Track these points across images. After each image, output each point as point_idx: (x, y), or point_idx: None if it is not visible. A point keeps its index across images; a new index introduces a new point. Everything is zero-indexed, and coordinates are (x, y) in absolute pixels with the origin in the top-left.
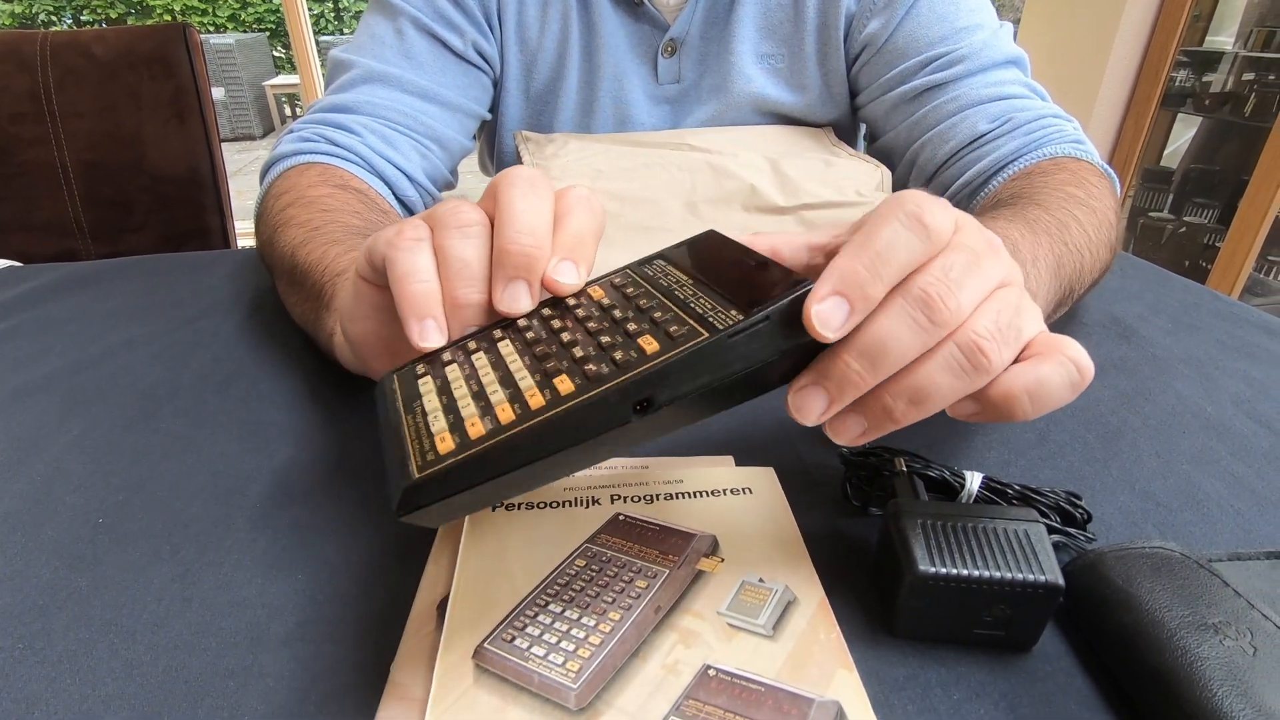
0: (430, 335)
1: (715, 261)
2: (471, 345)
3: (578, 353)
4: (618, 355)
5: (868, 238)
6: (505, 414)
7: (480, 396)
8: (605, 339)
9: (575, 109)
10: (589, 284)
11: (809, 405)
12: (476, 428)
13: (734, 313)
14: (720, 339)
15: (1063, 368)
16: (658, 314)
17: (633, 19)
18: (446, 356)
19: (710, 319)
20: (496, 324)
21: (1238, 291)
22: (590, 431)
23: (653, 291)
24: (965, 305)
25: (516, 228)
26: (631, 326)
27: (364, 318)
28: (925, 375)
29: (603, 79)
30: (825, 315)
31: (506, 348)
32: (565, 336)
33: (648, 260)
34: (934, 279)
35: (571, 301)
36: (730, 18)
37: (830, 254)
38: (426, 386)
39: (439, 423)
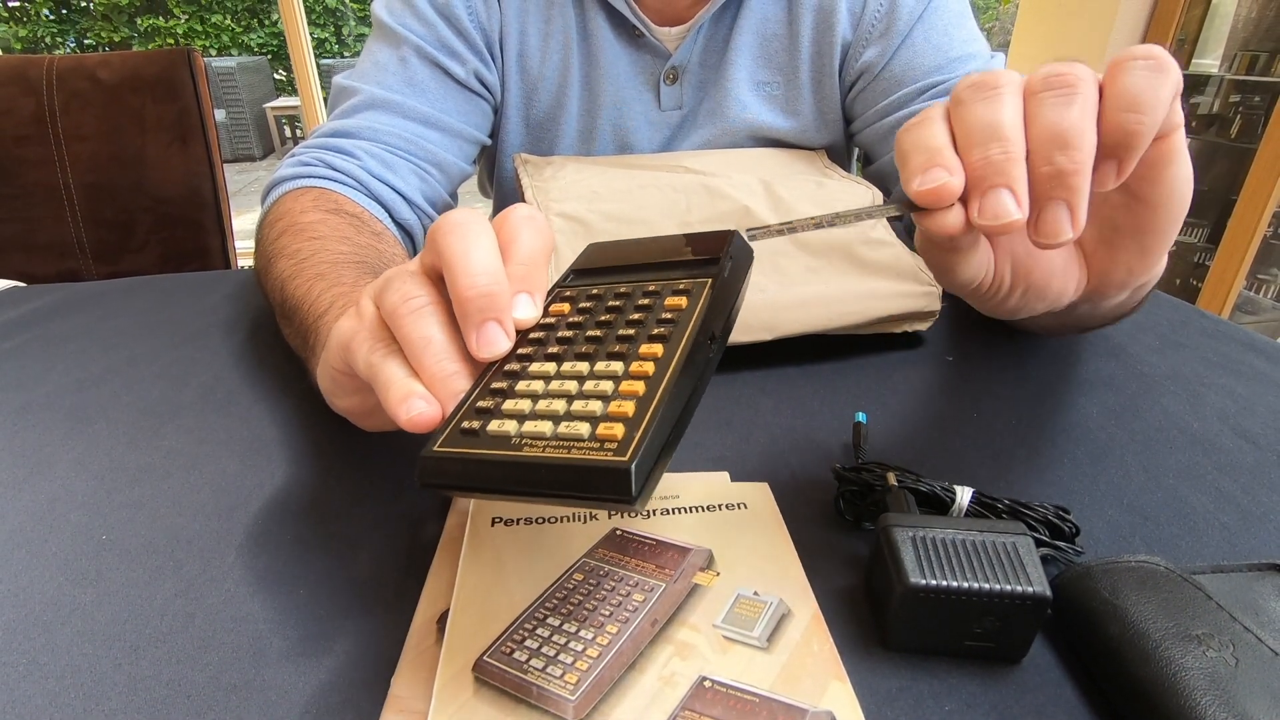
0: (420, 417)
1: (622, 258)
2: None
3: (623, 333)
4: (663, 316)
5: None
6: (634, 386)
7: (582, 393)
8: (634, 316)
9: (575, 136)
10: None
11: (999, 208)
12: (624, 406)
13: (699, 269)
14: (720, 277)
15: (1131, 66)
16: (650, 287)
17: (634, 48)
18: (489, 404)
19: (696, 274)
20: (497, 372)
21: (1229, 309)
22: (701, 368)
23: (616, 285)
24: (1016, 78)
25: (470, 272)
26: (643, 301)
27: (347, 396)
28: (1042, 120)
29: (603, 107)
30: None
31: (547, 365)
32: (592, 333)
33: (565, 284)
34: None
35: (548, 322)
36: (728, 46)
37: None
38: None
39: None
